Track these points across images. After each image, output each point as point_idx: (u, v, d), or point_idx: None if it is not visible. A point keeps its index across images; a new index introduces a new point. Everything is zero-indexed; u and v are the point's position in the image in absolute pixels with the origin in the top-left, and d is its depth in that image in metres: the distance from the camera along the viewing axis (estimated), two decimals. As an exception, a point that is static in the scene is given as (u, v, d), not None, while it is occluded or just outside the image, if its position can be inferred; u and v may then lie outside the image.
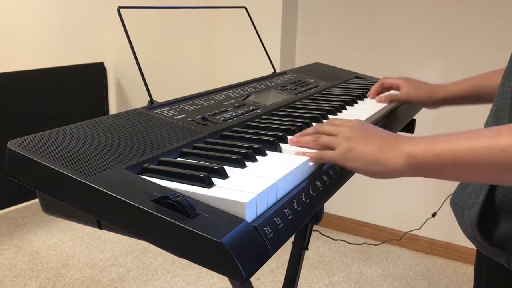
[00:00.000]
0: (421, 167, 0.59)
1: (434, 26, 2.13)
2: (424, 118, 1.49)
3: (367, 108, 1.03)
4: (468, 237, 0.75)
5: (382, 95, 1.10)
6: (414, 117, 1.24)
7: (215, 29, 2.59)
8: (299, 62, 2.46)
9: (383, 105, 1.06)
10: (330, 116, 0.94)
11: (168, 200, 0.50)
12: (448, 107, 1.07)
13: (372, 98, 1.12)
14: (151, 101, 0.86)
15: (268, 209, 0.55)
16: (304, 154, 0.69)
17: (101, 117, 0.74)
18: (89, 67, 2.98)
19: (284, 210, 0.56)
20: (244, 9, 1.26)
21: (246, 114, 0.89)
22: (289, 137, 0.77)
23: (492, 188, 0.69)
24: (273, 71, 1.31)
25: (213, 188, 0.55)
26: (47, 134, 0.65)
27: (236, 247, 0.47)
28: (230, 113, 0.88)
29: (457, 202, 0.78)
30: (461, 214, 0.75)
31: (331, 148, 0.67)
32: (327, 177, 0.69)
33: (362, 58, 2.31)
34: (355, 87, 1.24)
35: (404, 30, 2.20)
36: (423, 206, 2.31)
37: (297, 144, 0.73)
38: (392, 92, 1.12)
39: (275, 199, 0.58)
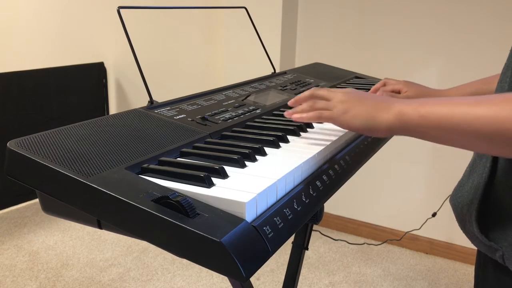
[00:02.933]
0: (408, 125, 0.64)
1: (434, 26, 2.13)
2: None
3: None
4: (466, 233, 0.76)
5: (383, 92, 1.10)
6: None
7: (215, 29, 2.59)
8: (299, 62, 2.46)
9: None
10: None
11: (168, 200, 0.50)
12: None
13: None
14: (151, 101, 0.86)
15: (268, 209, 0.55)
16: (301, 116, 0.73)
17: (101, 117, 0.74)
18: (89, 67, 2.98)
19: (284, 210, 0.56)
20: (244, 9, 1.26)
21: (246, 114, 0.89)
22: (289, 137, 0.77)
23: (490, 184, 0.70)
24: (273, 71, 1.31)
25: (213, 188, 0.55)
26: (47, 134, 0.65)
27: (236, 247, 0.47)
28: (230, 113, 0.88)
29: (456, 199, 0.79)
30: (461, 211, 0.76)
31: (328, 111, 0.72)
32: (327, 177, 0.69)
33: (362, 58, 2.31)
34: (355, 87, 1.24)
35: (404, 30, 2.20)
36: (423, 206, 2.31)
37: (293, 111, 0.77)
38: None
39: (275, 199, 0.58)
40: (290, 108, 0.79)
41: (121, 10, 0.86)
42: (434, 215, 2.25)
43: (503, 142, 0.56)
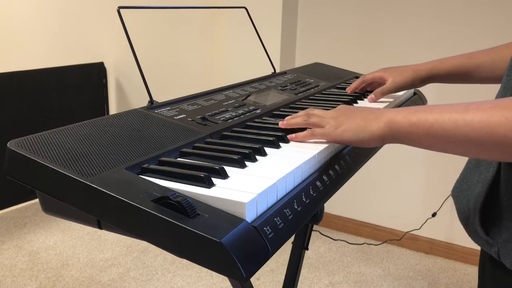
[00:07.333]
0: (399, 133, 0.65)
1: (434, 25, 2.13)
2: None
3: (367, 108, 1.03)
4: (466, 226, 0.76)
5: (372, 94, 1.09)
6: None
7: (215, 29, 2.59)
8: (299, 62, 2.46)
9: (383, 105, 1.06)
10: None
11: (168, 200, 0.50)
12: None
13: (351, 92, 1.13)
14: (151, 101, 0.86)
15: (268, 209, 0.55)
16: (296, 135, 0.75)
17: (101, 117, 0.74)
18: (89, 67, 2.98)
19: (284, 210, 0.56)
20: (244, 9, 1.26)
21: (246, 114, 0.89)
22: (289, 136, 0.77)
23: (496, 179, 0.69)
24: (273, 71, 1.31)
25: (213, 188, 0.55)
26: (47, 134, 0.65)
27: (236, 247, 0.47)
28: (230, 113, 0.88)
29: (461, 191, 0.78)
30: (466, 204, 0.76)
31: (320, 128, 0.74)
32: (327, 177, 0.69)
33: (362, 58, 2.31)
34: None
35: (405, 30, 2.20)
36: (423, 206, 2.31)
37: (287, 126, 0.78)
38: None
39: (275, 199, 0.58)
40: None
41: (121, 10, 0.86)
42: (434, 215, 2.25)
43: (494, 146, 0.56)
